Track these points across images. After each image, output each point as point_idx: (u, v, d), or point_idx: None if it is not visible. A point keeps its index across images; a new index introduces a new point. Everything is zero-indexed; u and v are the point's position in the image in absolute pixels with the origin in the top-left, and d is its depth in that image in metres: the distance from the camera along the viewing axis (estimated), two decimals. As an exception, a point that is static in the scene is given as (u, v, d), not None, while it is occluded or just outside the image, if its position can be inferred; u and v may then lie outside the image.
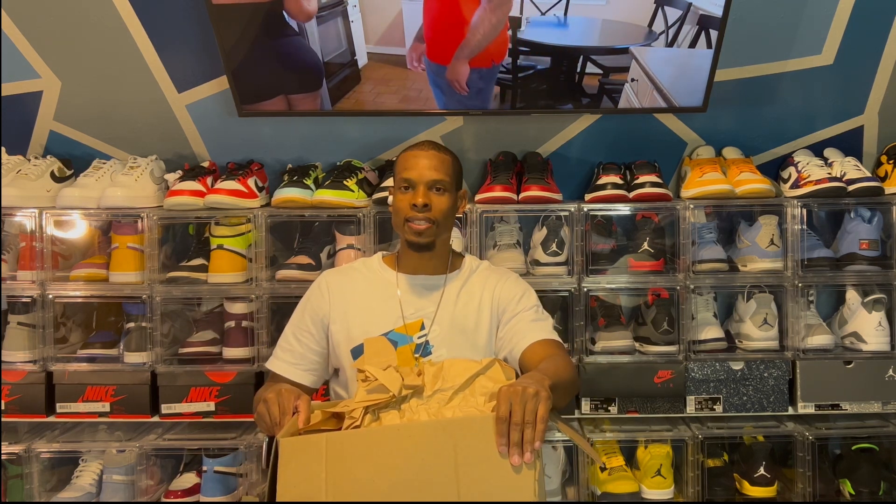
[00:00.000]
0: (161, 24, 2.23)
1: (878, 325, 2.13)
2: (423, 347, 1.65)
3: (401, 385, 1.39)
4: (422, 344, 1.66)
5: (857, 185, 2.13)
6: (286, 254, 2.27)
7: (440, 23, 2.06)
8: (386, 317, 1.68)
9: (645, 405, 2.17)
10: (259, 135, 2.37)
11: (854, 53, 2.24)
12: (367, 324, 1.67)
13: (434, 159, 1.68)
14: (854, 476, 2.12)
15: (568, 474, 2.24)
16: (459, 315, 1.69)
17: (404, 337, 1.66)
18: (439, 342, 1.66)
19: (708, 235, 2.21)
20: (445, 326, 1.68)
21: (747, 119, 2.35)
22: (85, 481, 2.19)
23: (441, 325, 1.68)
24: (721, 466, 2.18)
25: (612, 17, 2.06)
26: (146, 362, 2.15)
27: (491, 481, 1.25)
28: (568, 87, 2.18)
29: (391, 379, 1.40)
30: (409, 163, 1.69)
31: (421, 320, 1.68)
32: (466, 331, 1.68)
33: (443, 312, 1.69)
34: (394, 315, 1.68)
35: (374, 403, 1.39)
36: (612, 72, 2.15)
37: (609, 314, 2.23)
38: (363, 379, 1.45)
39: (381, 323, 1.67)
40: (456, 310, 1.69)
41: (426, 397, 1.42)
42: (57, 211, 2.19)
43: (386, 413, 1.40)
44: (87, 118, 2.37)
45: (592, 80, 2.16)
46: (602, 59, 2.13)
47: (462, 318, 1.69)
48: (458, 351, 1.65)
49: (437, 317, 1.68)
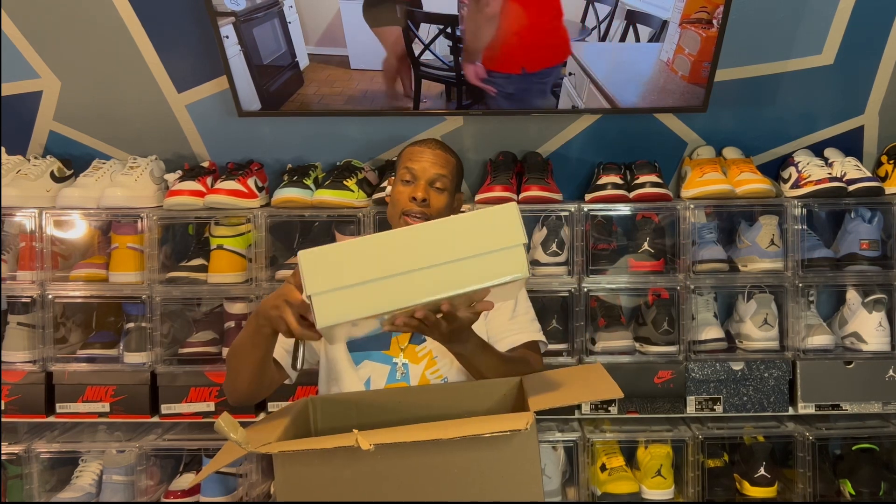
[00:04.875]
0: (161, 24, 2.23)
1: (879, 325, 2.13)
2: (417, 336, 1.67)
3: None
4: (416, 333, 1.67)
5: (857, 185, 2.13)
6: (286, 254, 2.27)
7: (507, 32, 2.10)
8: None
9: (645, 405, 2.17)
10: (259, 135, 2.37)
11: (854, 53, 2.24)
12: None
13: (439, 157, 1.71)
14: (854, 476, 2.11)
15: (568, 474, 2.24)
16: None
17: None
18: None
19: (708, 235, 2.21)
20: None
21: (747, 119, 2.35)
22: (85, 481, 2.19)
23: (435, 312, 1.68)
24: (721, 467, 2.18)
25: None
26: (146, 362, 2.15)
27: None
28: None
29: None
30: (414, 156, 1.71)
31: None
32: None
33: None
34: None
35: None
36: None
37: (609, 314, 2.23)
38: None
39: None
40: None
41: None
42: (57, 211, 2.19)
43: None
44: (87, 118, 2.37)
45: None
46: None
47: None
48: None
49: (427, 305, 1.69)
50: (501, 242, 1.26)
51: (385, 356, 1.67)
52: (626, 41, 2.12)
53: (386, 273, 1.24)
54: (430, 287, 1.25)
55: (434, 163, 1.70)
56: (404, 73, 2.17)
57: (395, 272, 1.24)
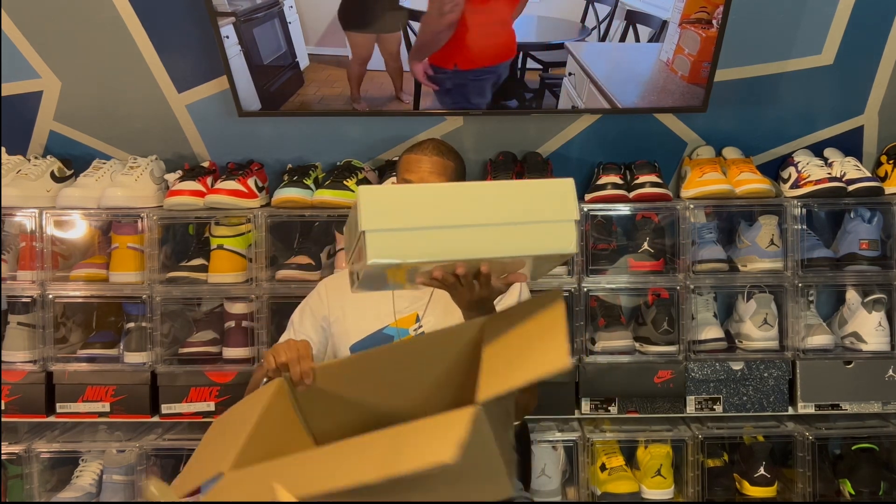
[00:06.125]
0: (161, 24, 2.23)
1: (878, 325, 2.13)
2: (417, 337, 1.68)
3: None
4: (418, 336, 1.68)
5: (857, 185, 2.13)
6: (286, 254, 2.27)
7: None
8: (378, 314, 1.71)
9: (645, 405, 2.17)
10: (259, 135, 2.37)
11: (854, 53, 2.24)
12: (361, 322, 1.71)
13: (437, 165, 1.70)
14: (854, 476, 2.12)
15: (568, 474, 2.24)
16: (453, 304, 1.69)
17: (400, 331, 1.69)
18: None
19: (708, 235, 2.21)
20: (440, 315, 1.70)
21: (747, 119, 2.35)
22: (85, 481, 2.19)
23: (435, 314, 1.70)
24: (721, 466, 2.18)
25: (547, 13, 2.11)
26: (146, 362, 2.15)
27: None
28: (511, 83, 2.20)
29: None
30: (411, 166, 1.71)
31: (415, 313, 1.71)
32: (461, 320, 1.67)
33: (436, 303, 1.71)
34: (386, 311, 1.70)
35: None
36: (550, 66, 2.18)
37: (609, 314, 2.23)
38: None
39: (373, 320, 1.71)
40: (450, 299, 1.69)
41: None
42: (57, 211, 2.18)
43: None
44: (87, 118, 2.37)
45: (533, 75, 2.20)
46: (540, 54, 2.17)
47: (458, 308, 1.69)
48: None
49: (429, 307, 1.71)
50: (555, 215, 1.29)
51: None
52: (626, 41, 2.12)
53: (441, 223, 1.25)
54: (481, 245, 1.26)
55: (432, 171, 1.69)
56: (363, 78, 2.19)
57: (450, 224, 1.25)
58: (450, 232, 1.25)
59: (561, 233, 1.28)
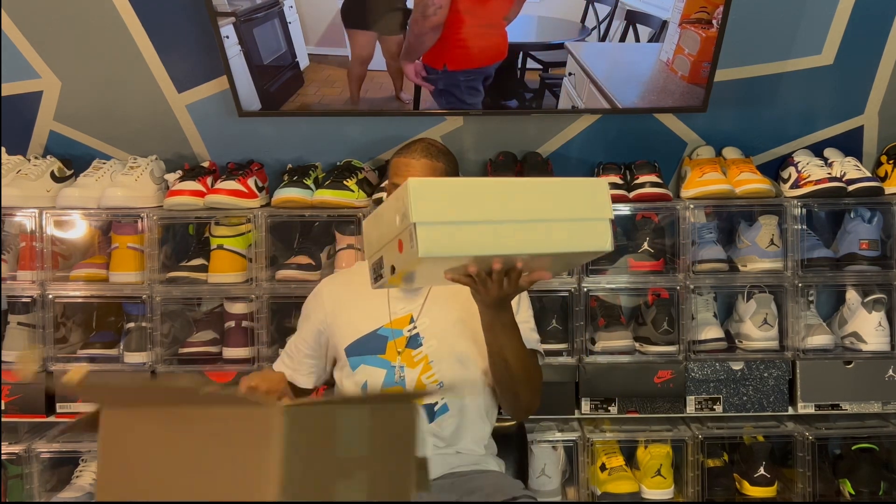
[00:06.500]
0: (161, 25, 2.23)
1: (878, 325, 2.13)
2: (414, 340, 1.68)
3: None
4: (412, 336, 1.68)
5: (857, 185, 2.13)
6: (286, 254, 2.27)
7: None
8: (373, 314, 1.70)
9: (645, 405, 2.17)
10: (259, 135, 2.37)
11: (854, 53, 2.24)
12: (357, 322, 1.71)
13: (426, 168, 1.68)
14: (854, 476, 2.12)
15: (568, 474, 2.24)
16: (448, 306, 1.70)
17: (394, 331, 1.69)
18: (429, 334, 1.68)
19: (708, 235, 2.21)
20: (435, 318, 1.69)
21: (747, 119, 2.35)
22: (85, 481, 2.19)
23: (430, 316, 1.70)
24: (721, 466, 2.18)
25: (546, 13, 2.11)
26: (146, 362, 2.15)
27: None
28: (511, 83, 2.20)
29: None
30: (400, 170, 1.70)
31: (410, 314, 1.70)
32: (457, 321, 1.68)
33: (431, 304, 1.71)
34: (380, 312, 1.70)
35: None
36: (550, 66, 2.19)
37: (609, 314, 2.23)
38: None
39: (368, 321, 1.70)
40: (445, 301, 1.71)
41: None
42: (57, 211, 2.18)
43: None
44: (87, 118, 2.37)
45: (533, 75, 2.20)
46: (540, 54, 2.17)
47: (452, 309, 1.69)
48: (448, 341, 1.67)
49: (424, 309, 1.70)
50: (592, 213, 1.32)
51: (381, 360, 1.68)
52: (626, 41, 2.12)
53: (488, 217, 1.27)
54: (523, 240, 1.29)
55: (421, 175, 1.67)
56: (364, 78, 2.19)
57: (497, 219, 1.27)
58: (495, 227, 1.27)
59: (597, 231, 1.32)
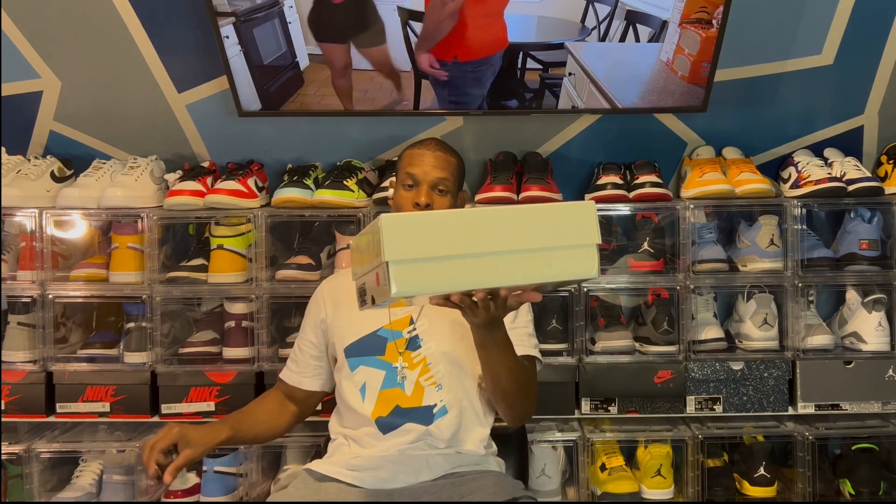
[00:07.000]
0: (161, 25, 2.23)
1: (878, 325, 2.13)
2: (413, 341, 1.68)
3: None
4: (412, 338, 1.68)
5: (857, 185, 2.13)
6: (286, 254, 2.27)
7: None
8: (373, 315, 1.70)
9: (645, 405, 2.17)
10: (259, 135, 2.37)
11: (854, 53, 2.24)
12: (356, 323, 1.71)
13: (440, 159, 1.71)
14: (854, 476, 2.12)
15: (568, 474, 2.24)
16: (448, 308, 1.69)
17: (393, 332, 1.69)
18: (428, 335, 1.69)
19: (708, 235, 2.21)
20: (434, 320, 1.70)
21: (747, 119, 2.35)
22: (85, 481, 2.19)
23: (429, 318, 1.70)
24: (721, 466, 2.18)
25: (546, 13, 2.11)
26: (146, 362, 2.15)
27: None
28: (511, 83, 2.20)
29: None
30: (414, 160, 1.71)
31: (409, 315, 1.70)
32: (456, 323, 1.68)
33: (430, 306, 1.70)
34: (380, 313, 1.70)
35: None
36: (550, 66, 2.19)
37: (609, 314, 2.23)
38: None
39: (368, 322, 1.70)
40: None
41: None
42: (57, 211, 2.19)
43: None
44: (87, 118, 2.37)
45: (533, 75, 2.20)
46: (540, 54, 2.17)
47: (451, 311, 1.68)
48: (448, 343, 1.68)
49: (424, 310, 1.70)
50: (577, 239, 1.27)
51: (381, 362, 1.68)
52: (626, 41, 2.12)
53: (465, 251, 1.23)
54: (504, 272, 1.25)
55: (435, 166, 1.70)
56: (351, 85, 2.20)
57: (474, 252, 1.23)
58: (474, 261, 1.23)
59: (583, 257, 1.26)
